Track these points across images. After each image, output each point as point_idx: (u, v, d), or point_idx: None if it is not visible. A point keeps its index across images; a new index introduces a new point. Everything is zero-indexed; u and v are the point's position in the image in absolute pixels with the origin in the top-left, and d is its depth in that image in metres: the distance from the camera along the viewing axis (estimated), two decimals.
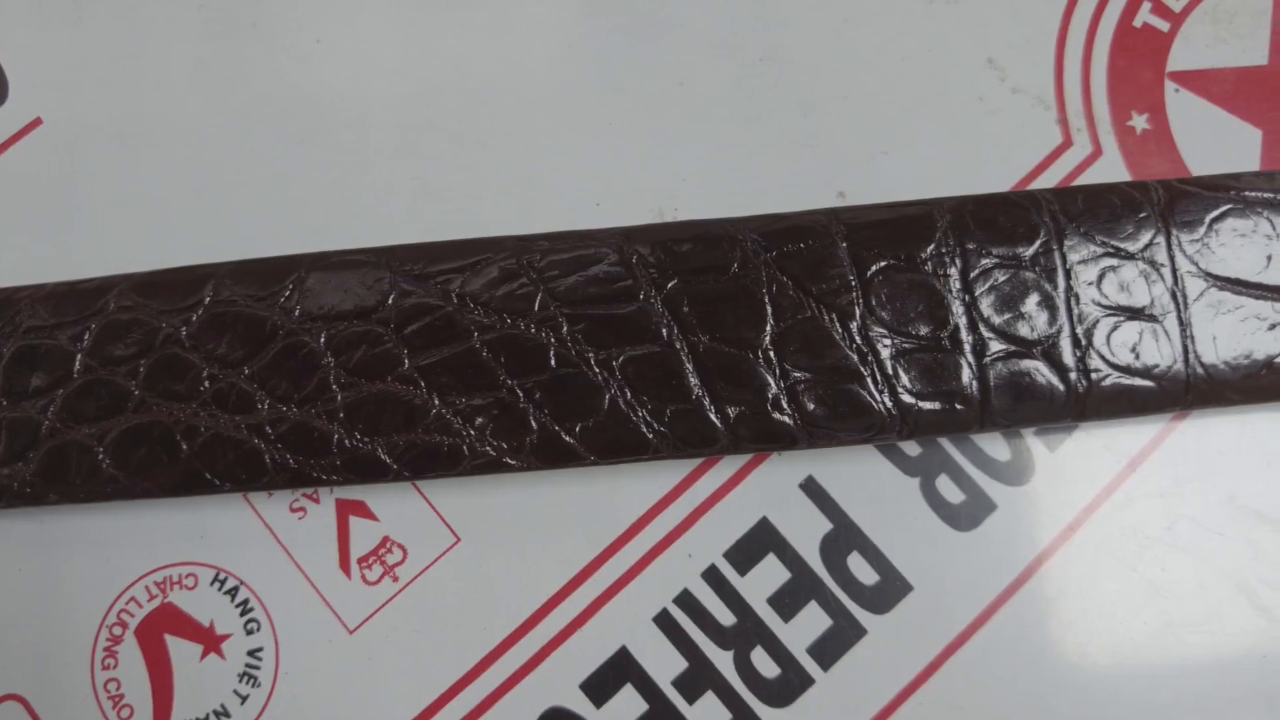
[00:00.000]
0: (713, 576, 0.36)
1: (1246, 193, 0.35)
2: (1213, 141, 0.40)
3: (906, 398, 0.33)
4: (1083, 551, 0.37)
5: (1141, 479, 0.37)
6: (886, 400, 0.33)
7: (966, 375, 0.33)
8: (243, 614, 0.36)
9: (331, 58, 0.40)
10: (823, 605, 0.36)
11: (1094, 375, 0.34)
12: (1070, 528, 0.37)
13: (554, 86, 0.39)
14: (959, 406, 0.33)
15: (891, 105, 0.40)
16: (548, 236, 0.34)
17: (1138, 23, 0.41)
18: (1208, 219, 0.35)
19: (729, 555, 0.36)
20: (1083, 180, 0.40)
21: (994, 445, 0.37)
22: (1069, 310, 0.34)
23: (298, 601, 0.36)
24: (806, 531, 0.36)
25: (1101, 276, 0.34)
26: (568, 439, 0.33)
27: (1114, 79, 0.41)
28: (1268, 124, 0.40)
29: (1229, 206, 0.35)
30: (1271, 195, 0.35)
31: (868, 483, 0.37)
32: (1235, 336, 0.34)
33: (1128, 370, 0.34)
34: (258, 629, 0.36)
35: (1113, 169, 0.40)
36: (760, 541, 0.36)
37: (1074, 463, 0.37)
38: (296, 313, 0.34)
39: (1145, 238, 0.34)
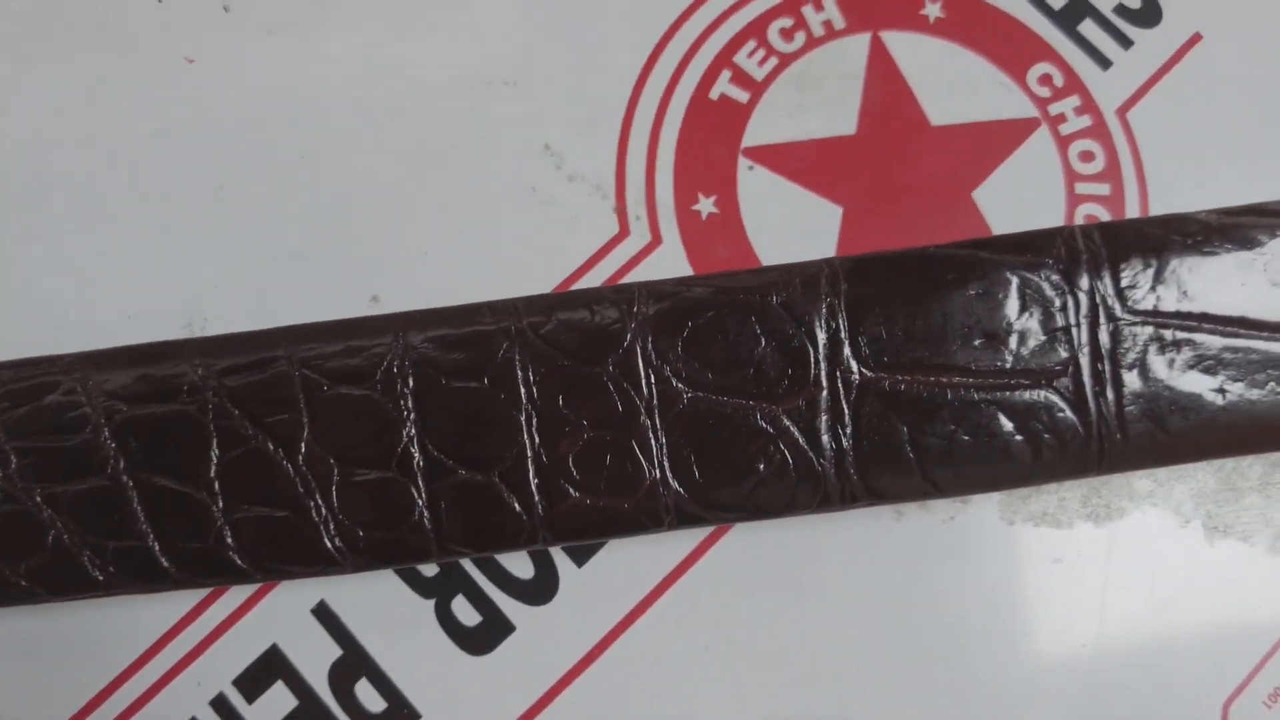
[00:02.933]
0: (221, 705, 0.35)
1: (741, 295, 0.32)
2: (787, 222, 0.37)
3: (353, 529, 0.32)
4: (607, 675, 0.34)
5: (677, 595, 0.35)
6: (332, 532, 0.32)
7: (417, 503, 0.32)
8: None
9: None
10: None
11: (557, 498, 0.32)
12: (596, 649, 0.35)
13: (85, 191, 0.38)
14: (410, 535, 0.32)
15: (434, 201, 0.38)
16: (10, 365, 0.34)
17: (714, 94, 0.39)
18: (690, 325, 0.32)
19: (238, 683, 0.35)
20: (637, 273, 0.37)
21: (518, 562, 0.35)
22: (529, 430, 0.32)
23: None
24: (316, 658, 0.35)
25: (568, 393, 0.32)
26: (14, 578, 0.32)
27: (682, 159, 0.38)
28: (850, 199, 0.37)
29: (716, 311, 0.32)
30: (758, 298, 0.32)
31: (381, 606, 0.35)
32: (717, 451, 0.32)
33: (596, 491, 0.32)
34: None
35: (672, 259, 0.37)
36: (269, 668, 0.35)
37: (602, 579, 0.35)
38: None
39: (620, 348, 0.32)
